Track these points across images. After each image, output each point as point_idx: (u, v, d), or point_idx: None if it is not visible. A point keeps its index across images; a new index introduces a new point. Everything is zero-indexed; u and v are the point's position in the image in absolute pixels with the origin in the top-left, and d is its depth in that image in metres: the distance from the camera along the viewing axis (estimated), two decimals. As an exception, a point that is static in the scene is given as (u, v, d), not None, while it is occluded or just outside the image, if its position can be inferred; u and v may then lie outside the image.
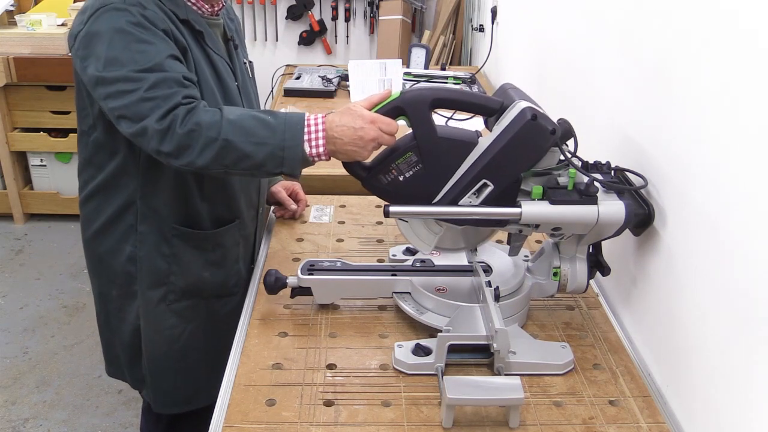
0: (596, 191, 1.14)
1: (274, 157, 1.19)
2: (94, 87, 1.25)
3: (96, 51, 1.22)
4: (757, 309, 0.87)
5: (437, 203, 1.16)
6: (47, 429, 2.34)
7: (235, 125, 1.19)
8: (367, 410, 1.07)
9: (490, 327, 1.12)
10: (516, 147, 1.11)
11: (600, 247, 1.26)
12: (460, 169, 1.14)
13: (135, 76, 1.20)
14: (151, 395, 1.56)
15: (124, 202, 1.41)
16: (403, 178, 1.17)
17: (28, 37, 3.38)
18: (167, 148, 1.19)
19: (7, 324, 2.88)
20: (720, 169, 0.98)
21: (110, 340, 1.58)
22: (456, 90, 1.20)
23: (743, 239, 0.91)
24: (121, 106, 1.21)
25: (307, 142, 1.19)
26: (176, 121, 1.18)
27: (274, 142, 1.18)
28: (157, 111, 1.19)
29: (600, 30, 1.55)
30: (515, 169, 1.13)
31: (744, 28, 0.92)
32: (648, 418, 1.07)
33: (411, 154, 1.15)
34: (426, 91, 1.15)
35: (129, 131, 1.23)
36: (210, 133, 1.18)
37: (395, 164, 1.16)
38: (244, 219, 1.54)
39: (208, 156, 1.18)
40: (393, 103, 1.16)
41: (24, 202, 3.67)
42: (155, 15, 1.26)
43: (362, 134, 1.17)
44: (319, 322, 1.28)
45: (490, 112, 1.17)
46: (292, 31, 4.34)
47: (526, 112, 1.10)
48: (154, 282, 1.45)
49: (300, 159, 1.20)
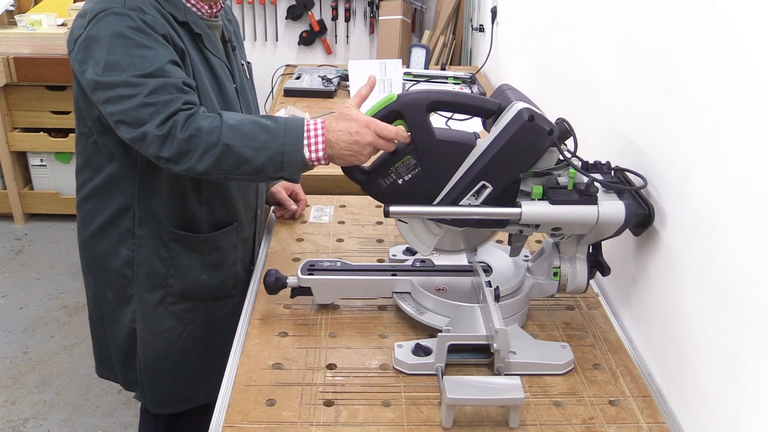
0: (596, 191, 1.14)
1: (274, 162, 1.19)
2: (92, 91, 1.24)
3: (95, 55, 1.22)
4: (756, 309, 0.87)
5: (437, 204, 1.16)
6: (47, 429, 2.34)
7: (235, 130, 1.19)
8: (367, 410, 1.07)
9: (490, 327, 1.12)
10: (514, 148, 1.11)
11: (600, 247, 1.26)
12: (459, 171, 1.14)
13: (135, 81, 1.20)
14: (146, 396, 1.55)
15: (121, 205, 1.40)
16: (402, 182, 1.17)
17: (28, 37, 3.38)
18: (167, 154, 1.19)
19: (7, 324, 2.88)
20: (720, 169, 0.98)
21: (103, 341, 1.58)
22: (453, 92, 1.20)
23: (743, 239, 0.91)
24: (120, 111, 1.21)
25: (307, 147, 1.19)
26: (176, 127, 1.18)
27: (274, 147, 1.18)
28: (157, 117, 1.18)
29: (600, 30, 1.55)
30: (514, 170, 1.13)
31: (744, 28, 0.92)
32: (648, 418, 1.07)
33: (409, 158, 1.15)
34: (422, 94, 1.15)
35: (128, 136, 1.22)
36: (210, 138, 1.18)
37: (394, 168, 1.16)
38: (242, 222, 1.54)
39: (208, 161, 1.18)
40: (390, 107, 1.16)
41: (24, 202, 3.67)
42: (155, 20, 1.26)
43: (358, 138, 1.17)
44: (319, 322, 1.28)
45: (488, 114, 1.17)
46: (292, 31, 4.34)
47: (523, 113, 1.10)
48: (152, 285, 1.45)
49: (300, 163, 1.20)
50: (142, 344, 1.50)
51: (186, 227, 1.44)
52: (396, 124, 1.17)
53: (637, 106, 1.29)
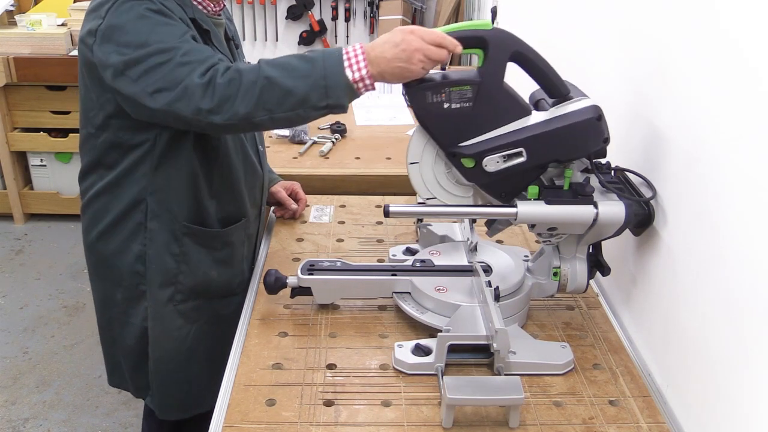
0: (592, 191, 1.14)
1: (318, 88, 1.17)
2: (120, 74, 1.23)
3: (120, 39, 1.22)
4: (756, 309, 0.87)
5: (462, 147, 1.14)
6: (47, 429, 2.34)
7: (274, 64, 1.19)
8: (367, 410, 1.07)
9: (490, 327, 1.12)
10: (568, 134, 1.11)
11: (600, 247, 1.26)
12: (503, 128, 1.13)
13: (166, 48, 1.20)
14: (156, 401, 1.54)
15: (133, 199, 1.39)
16: (447, 107, 1.13)
17: (28, 37, 3.38)
18: (209, 104, 1.18)
19: (7, 324, 2.88)
20: (720, 169, 0.98)
21: (112, 347, 1.56)
22: (539, 54, 1.15)
23: (743, 239, 0.91)
24: (156, 78, 1.20)
25: (348, 68, 1.17)
26: (216, 75, 1.18)
27: (316, 73, 1.17)
28: (196, 70, 1.19)
29: (600, 30, 1.55)
30: (554, 154, 1.13)
31: (744, 28, 0.92)
32: (648, 418, 1.07)
33: (468, 89, 1.11)
34: (516, 38, 1.12)
35: (167, 100, 1.20)
36: (250, 76, 1.17)
37: (449, 90, 1.12)
38: (250, 218, 1.55)
39: (251, 101, 1.17)
40: (479, 32, 1.12)
41: (24, 202, 3.67)
42: (173, 6, 1.28)
43: (404, 47, 1.13)
44: (319, 322, 1.28)
45: (556, 94, 1.16)
46: (292, 31, 4.34)
47: (595, 110, 1.11)
48: (162, 282, 1.44)
49: (344, 86, 1.17)
50: (152, 344, 1.48)
51: (198, 222, 1.44)
52: (470, 52, 1.13)
53: (637, 106, 1.29)
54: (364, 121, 2.38)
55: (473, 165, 1.15)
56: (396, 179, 1.90)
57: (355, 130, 2.30)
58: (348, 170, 1.95)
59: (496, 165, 1.14)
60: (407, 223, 1.66)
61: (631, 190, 1.22)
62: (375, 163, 2.01)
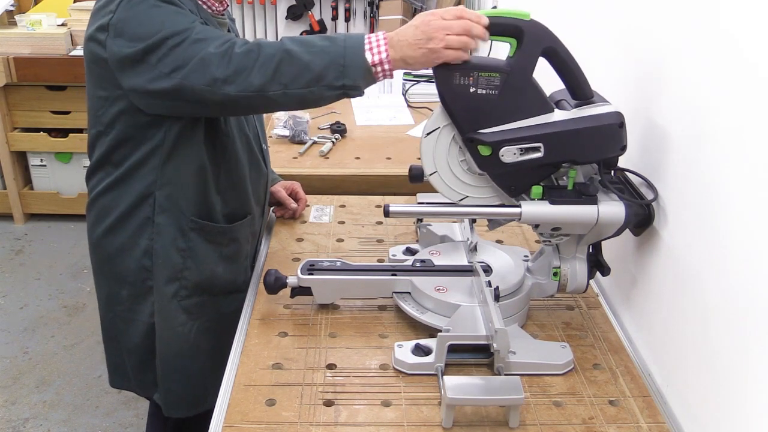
0: (596, 191, 1.14)
1: (335, 66, 1.17)
2: (142, 60, 1.23)
3: (136, 30, 1.23)
4: (756, 309, 0.87)
5: (481, 134, 1.14)
6: (47, 429, 2.35)
7: (295, 40, 1.20)
8: (367, 410, 1.07)
9: (490, 327, 1.12)
10: (588, 136, 1.12)
11: (600, 247, 1.26)
12: (525, 122, 1.13)
13: (181, 30, 1.21)
14: (162, 398, 1.54)
15: (141, 193, 1.39)
16: (473, 91, 1.12)
17: (28, 37, 3.38)
18: (223, 73, 1.18)
19: (7, 324, 2.89)
20: (720, 169, 0.98)
21: (115, 346, 1.56)
22: (571, 54, 1.15)
23: (743, 239, 0.91)
24: (174, 58, 1.21)
25: (369, 51, 1.17)
26: (234, 45, 1.19)
27: (335, 51, 1.17)
28: (212, 43, 1.20)
29: (599, 29, 1.55)
30: (571, 154, 1.13)
31: (745, 28, 0.92)
32: (648, 418, 1.07)
33: (497, 77, 1.11)
34: (551, 35, 1.12)
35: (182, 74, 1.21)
36: (269, 50, 1.18)
37: (477, 74, 1.11)
38: (254, 215, 1.55)
39: (267, 72, 1.17)
40: (516, 21, 1.11)
41: (24, 202, 3.67)
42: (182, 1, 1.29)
43: (423, 28, 1.13)
44: (319, 322, 1.28)
45: (580, 95, 1.16)
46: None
47: (618, 116, 1.12)
48: (168, 277, 1.44)
49: (362, 68, 1.17)
50: (159, 340, 1.48)
51: (205, 217, 1.44)
52: (502, 40, 1.13)
53: (637, 106, 1.29)
54: (364, 121, 2.38)
55: (489, 153, 1.14)
56: (396, 179, 1.90)
57: (355, 130, 2.30)
58: (348, 170, 1.95)
59: (512, 157, 1.14)
60: (407, 223, 1.66)
61: (632, 191, 1.22)
62: (375, 163, 2.01)
